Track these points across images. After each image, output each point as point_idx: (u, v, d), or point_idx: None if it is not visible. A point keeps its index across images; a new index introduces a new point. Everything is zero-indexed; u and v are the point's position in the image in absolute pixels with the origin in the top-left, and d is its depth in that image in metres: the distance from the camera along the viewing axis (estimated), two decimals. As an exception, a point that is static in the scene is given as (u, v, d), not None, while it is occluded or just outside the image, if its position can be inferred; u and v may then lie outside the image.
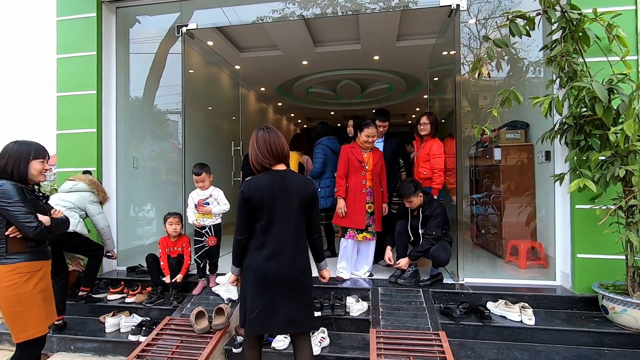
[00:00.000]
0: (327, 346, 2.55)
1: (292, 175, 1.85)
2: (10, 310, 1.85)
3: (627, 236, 2.42)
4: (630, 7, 2.89)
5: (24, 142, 1.97)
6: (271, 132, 1.85)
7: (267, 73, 6.45)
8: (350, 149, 3.32)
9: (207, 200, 3.08)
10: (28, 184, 1.96)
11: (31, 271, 1.90)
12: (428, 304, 2.80)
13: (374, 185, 3.29)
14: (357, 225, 3.22)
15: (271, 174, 1.82)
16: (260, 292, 1.76)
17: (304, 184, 1.86)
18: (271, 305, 1.75)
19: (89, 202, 3.11)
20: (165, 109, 4.90)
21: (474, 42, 4.20)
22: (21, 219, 1.83)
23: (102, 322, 2.95)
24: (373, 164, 3.30)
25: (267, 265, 1.76)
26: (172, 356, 2.35)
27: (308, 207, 1.85)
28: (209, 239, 3.09)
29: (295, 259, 1.79)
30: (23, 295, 1.86)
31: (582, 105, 2.58)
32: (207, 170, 3.09)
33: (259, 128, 1.87)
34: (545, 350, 2.48)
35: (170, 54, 4.43)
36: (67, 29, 3.87)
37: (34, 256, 1.93)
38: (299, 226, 1.81)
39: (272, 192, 1.77)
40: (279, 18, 3.90)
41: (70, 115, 3.82)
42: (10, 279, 1.83)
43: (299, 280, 1.80)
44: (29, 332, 1.88)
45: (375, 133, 3.29)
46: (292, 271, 1.78)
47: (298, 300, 1.79)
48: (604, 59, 2.66)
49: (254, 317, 1.75)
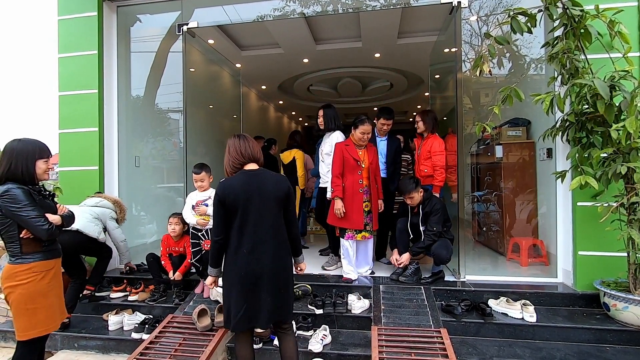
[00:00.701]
0: (329, 343, 2.56)
1: (265, 174, 1.91)
2: (23, 307, 1.89)
3: (629, 233, 2.41)
4: (633, 4, 2.88)
5: (28, 141, 1.97)
6: (241, 138, 1.96)
7: (268, 71, 6.43)
8: (345, 146, 3.21)
9: (206, 201, 3.03)
10: (36, 184, 1.98)
11: (45, 270, 1.95)
12: (429, 301, 2.81)
13: (370, 183, 3.23)
14: (356, 226, 3.15)
15: (244, 173, 1.88)
16: (244, 290, 1.80)
17: (278, 181, 1.91)
18: (256, 303, 1.81)
19: (109, 217, 3.25)
20: (167, 107, 4.90)
21: (476, 39, 4.19)
22: (33, 223, 1.86)
23: (105, 320, 2.97)
24: (369, 162, 3.22)
25: (247, 264, 1.80)
26: (174, 354, 2.37)
27: (284, 204, 1.90)
28: (205, 242, 3.03)
29: (274, 255, 1.84)
30: (36, 293, 1.91)
31: (583, 102, 2.57)
32: (207, 170, 3.07)
33: (230, 136, 1.98)
34: (546, 347, 2.48)
35: (171, 53, 4.43)
36: (68, 28, 3.88)
37: (48, 255, 1.98)
38: (277, 223, 1.87)
39: (247, 191, 1.82)
40: (279, 16, 3.89)
41: (72, 114, 3.84)
42: (27, 277, 1.89)
43: (280, 276, 1.86)
44: (36, 330, 1.92)
45: (370, 130, 3.19)
46: (272, 268, 1.83)
47: (279, 294, 1.85)
48: (606, 55, 2.65)
49: (241, 315, 1.80)
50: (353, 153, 3.18)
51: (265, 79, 7.06)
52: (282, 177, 1.99)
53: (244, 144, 1.93)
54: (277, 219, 1.87)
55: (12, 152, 1.91)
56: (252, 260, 1.80)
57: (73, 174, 3.84)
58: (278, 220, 1.88)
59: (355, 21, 4.59)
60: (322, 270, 3.55)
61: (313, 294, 2.99)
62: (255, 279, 1.80)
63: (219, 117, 5.82)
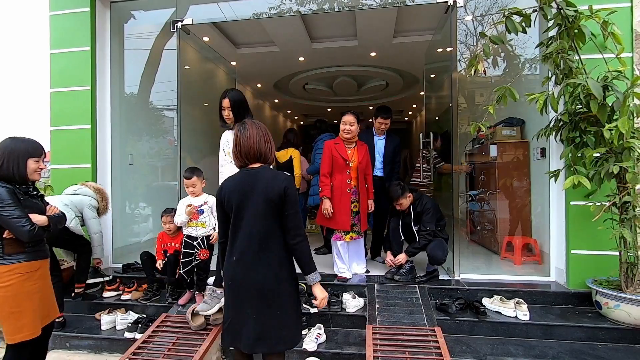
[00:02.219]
0: (324, 342, 2.56)
1: (262, 172, 1.66)
2: (7, 310, 1.83)
3: (621, 232, 2.44)
4: (626, 4, 2.90)
5: (21, 140, 1.93)
6: (245, 129, 1.68)
7: (263, 69, 6.41)
8: (334, 145, 3.14)
9: (202, 207, 2.87)
10: (27, 183, 1.94)
11: (29, 271, 1.88)
12: (424, 300, 2.82)
13: (359, 183, 3.15)
14: (342, 227, 3.11)
15: (242, 173, 1.69)
16: (231, 301, 1.66)
17: (273, 179, 1.62)
18: (240, 317, 1.62)
19: (87, 205, 3.11)
20: (161, 105, 4.86)
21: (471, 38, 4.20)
22: (14, 223, 1.79)
23: (97, 319, 2.94)
24: (358, 161, 3.13)
25: (235, 272, 1.63)
26: (168, 353, 2.35)
27: (279, 206, 1.60)
28: (200, 251, 2.81)
29: (262, 268, 1.60)
30: (20, 295, 1.84)
31: (577, 102, 2.59)
32: (198, 174, 2.87)
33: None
34: (539, 346, 2.50)
35: (166, 50, 4.38)
36: (60, 23, 3.83)
37: (32, 256, 1.90)
38: (264, 229, 1.60)
39: (241, 192, 1.63)
40: (275, 14, 3.87)
41: (65, 111, 3.79)
42: (9, 279, 1.81)
43: (267, 290, 1.60)
44: (23, 334, 1.86)
45: (352, 120, 3.07)
46: (258, 279, 1.59)
47: (268, 313, 1.60)
48: (599, 56, 2.66)
49: (225, 328, 1.67)
50: (342, 152, 3.11)
51: (261, 77, 7.03)
52: (281, 175, 1.66)
53: (244, 141, 1.66)
54: (267, 224, 1.60)
55: (4, 151, 1.87)
56: (238, 270, 1.62)
57: (65, 172, 3.79)
58: (268, 226, 1.61)
59: (351, 20, 4.58)
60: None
61: (308, 293, 2.98)
62: (240, 291, 1.62)
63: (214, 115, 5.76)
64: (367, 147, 3.31)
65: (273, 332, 1.60)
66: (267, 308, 1.60)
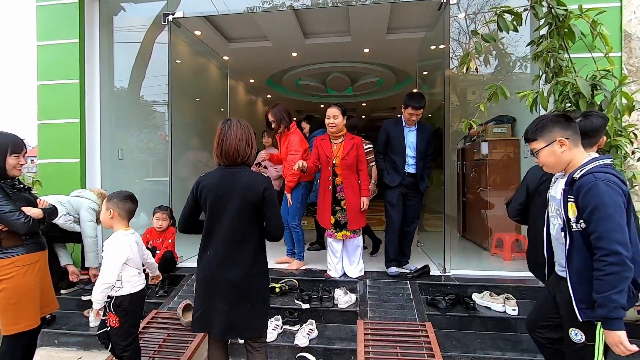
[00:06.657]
0: (315, 338, 2.57)
1: (241, 172, 1.70)
2: (7, 302, 1.84)
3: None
4: (615, 4, 2.94)
5: (1, 134, 1.91)
6: (229, 128, 1.71)
7: (256, 64, 6.36)
8: (320, 141, 3.06)
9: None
10: (6, 179, 1.92)
11: (29, 263, 1.91)
12: (415, 295, 2.84)
13: (344, 180, 3.00)
14: (324, 224, 3.09)
15: (221, 171, 1.72)
16: (203, 293, 1.71)
17: (252, 181, 1.67)
18: (212, 309, 1.68)
19: (85, 207, 3.04)
20: (152, 99, 4.80)
21: (463, 36, 4.23)
22: (8, 217, 1.81)
23: (86, 316, 2.91)
24: (342, 157, 2.98)
25: (208, 267, 1.69)
26: (159, 349, 2.33)
27: (257, 208, 1.68)
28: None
29: (237, 264, 1.67)
30: (21, 287, 1.86)
31: (566, 101, 2.62)
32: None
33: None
34: (527, 340, 2.53)
35: (157, 44, 4.32)
36: (47, 14, 3.74)
37: (31, 248, 1.93)
38: (240, 229, 1.67)
39: (219, 190, 1.67)
40: (268, 8, 3.84)
41: (52, 104, 3.71)
42: (9, 271, 1.83)
43: (241, 287, 1.68)
44: (21, 325, 1.87)
45: (337, 113, 2.94)
46: (232, 276, 1.66)
47: (239, 306, 1.68)
48: (589, 55, 2.70)
49: (196, 318, 1.72)
50: (326, 148, 3.03)
51: (254, 72, 6.99)
52: (259, 177, 1.72)
53: (226, 140, 1.69)
54: (242, 225, 1.67)
55: None
56: (213, 264, 1.68)
57: (53, 167, 3.72)
58: (244, 227, 1.67)
59: (345, 16, 4.57)
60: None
61: (300, 289, 2.99)
62: (213, 284, 1.68)
63: (205, 110, 5.73)
64: (358, 142, 3.04)
65: (243, 322, 1.71)
66: (239, 301, 1.69)
